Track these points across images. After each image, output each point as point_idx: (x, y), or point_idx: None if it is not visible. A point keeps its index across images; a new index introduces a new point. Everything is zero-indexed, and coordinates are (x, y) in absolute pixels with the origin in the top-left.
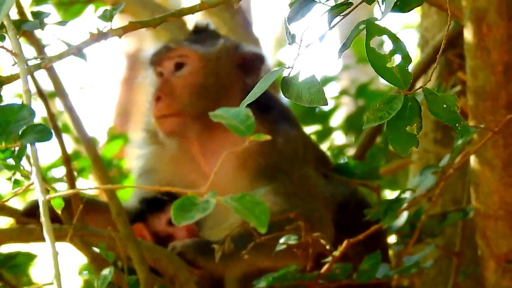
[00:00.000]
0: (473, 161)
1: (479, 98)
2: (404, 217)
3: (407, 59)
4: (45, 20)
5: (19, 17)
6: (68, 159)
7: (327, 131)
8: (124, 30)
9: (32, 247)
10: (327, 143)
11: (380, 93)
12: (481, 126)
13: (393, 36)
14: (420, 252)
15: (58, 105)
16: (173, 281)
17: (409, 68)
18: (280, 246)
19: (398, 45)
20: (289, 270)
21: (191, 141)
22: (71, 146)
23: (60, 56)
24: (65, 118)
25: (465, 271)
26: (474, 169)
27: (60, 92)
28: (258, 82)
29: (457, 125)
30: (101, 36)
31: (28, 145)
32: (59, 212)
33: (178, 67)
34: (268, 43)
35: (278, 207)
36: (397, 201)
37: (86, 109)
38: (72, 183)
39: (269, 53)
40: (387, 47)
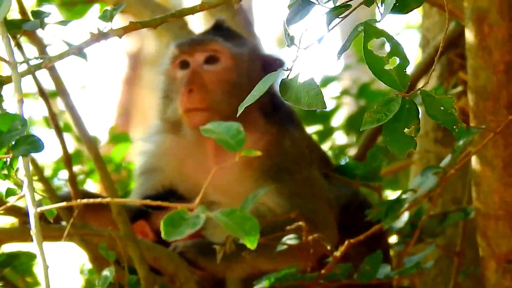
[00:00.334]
0: (474, 161)
1: (480, 98)
2: (405, 217)
3: (405, 61)
4: (46, 20)
5: (20, 17)
6: (69, 159)
7: (328, 131)
8: (124, 30)
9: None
10: (328, 143)
11: (381, 93)
12: (482, 127)
13: (391, 38)
14: (420, 252)
15: (60, 104)
16: (173, 280)
17: (407, 70)
18: (281, 247)
19: (396, 47)
20: (290, 270)
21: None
22: (72, 145)
23: (61, 56)
24: (67, 117)
25: (465, 271)
26: (475, 169)
27: (62, 92)
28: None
29: (454, 127)
30: (102, 36)
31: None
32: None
33: (210, 61)
34: (269, 43)
35: (282, 208)
36: (398, 201)
37: (88, 108)
38: (74, 182)
39: (272, 49)
40: (388, 48)
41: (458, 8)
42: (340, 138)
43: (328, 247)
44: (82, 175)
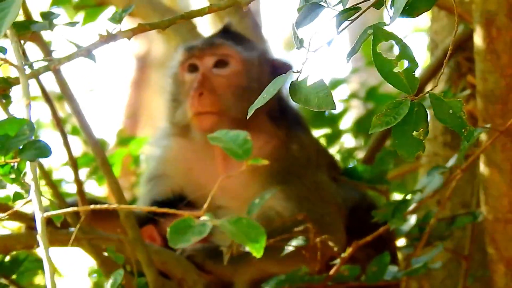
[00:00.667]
0: (482, 164)
1: (489, 101)
2: (413, 220)
3: (413, 64)
4: (55, 22)
5: (25, 19)
6: (75, 163)
7: (337, 134)
8: (133, 32)
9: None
10: (337, 146)
11: (389, 96)
12: (487, 126)
13: (400, 41)
14: (427, 254)
15: (67, 107)
16: (181, 284)
17: (416, 73)
18: (289, 249)
19: (405, 50)
20: (297, 272)
21: None
22: (80, 148)
23: (69, 58)
24: (75, 120)
25: (474, 275)
26: (483, 172)
27: (68, 96)
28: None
29: (463, 130)
30: (111, 37)
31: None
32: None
33: (219, 64)
34: (278, 46)
35: (290, 211)
36: (404, 202)
37: (96, 111)
38: (80, 187)
39: (280, 54)
40: (397, 51)
41: (466, 12)
42: (348, 141)
43: (335, 249)
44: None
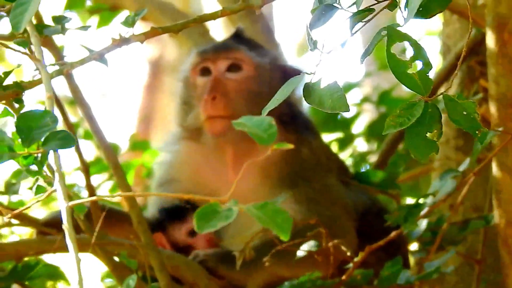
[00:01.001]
0: (495, 168)
1: (501, 105)
2: (425, 224)
3: (427, 65)
4: (67, 26)
5: (36, 22)
6: (87, 168)
7: (349, 138)
8: (145, 36)
9: (54, 258)
10: (349, 150)
11: (402, 100)
12: (500, 129)
13: (414, 42)
14: (440, 258)
15: (80, 112)
16: None
17: (430, 75)
18: (301, 253)
19: (419, 51)
20: (310, 277)
21: (228, 146)
22: (93, 153)
23: (82, 62)
24: (87, 125)
25: (486, 279)
26: (496, 176)
27: (80, 100)
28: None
29: (476, 132)
30: (123, 41)
31: (51, 151)
32: (81, 217)
33: (232, 69)
34: (291, 49)
35: (300, 215)
36: (417, 206)
37: (108, 115)
38: (92, 192)
39: (291, 59)
40: (409, 54)
41: (478, 15)
42: (360, 145)
43: (347, 253)
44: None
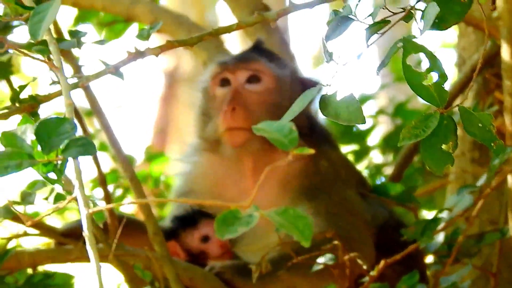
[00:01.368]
0: (510, 181)
1: None
2: (441, 237)
3: (443, 77)
4: (82, 39)
5: (55, 36)
6: (104, 179)
7: (365, 150)
8: (161, 49)
9: (71, 268)
10: (365, 162)
11: (417, 112)
12: None
13: (430, 54)
14: (457, 273)
15: (96, 123)
16: None
17: (445, 86)
18: (318, 266)
19: (435, 63)
20: None
21: (247, 157)
22: (108, 164)
23: (98, 75)
24: (103, 136)
25: None
26: (511, 189)
27: (97, 111)
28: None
29: (492, 144)
30: (139, 54)
31: (71, 159)
32: (99, 226)
33: (252, 80)
34: (306, 61)
35: (319, 227)
36: (434, 221)
37: (124, 127)
38: (109, 203)
39: (308, 71)
40: (424, 66)
41: (494, 28)
42: (376, 157)
43: (364, 267)
44: (120, 189)
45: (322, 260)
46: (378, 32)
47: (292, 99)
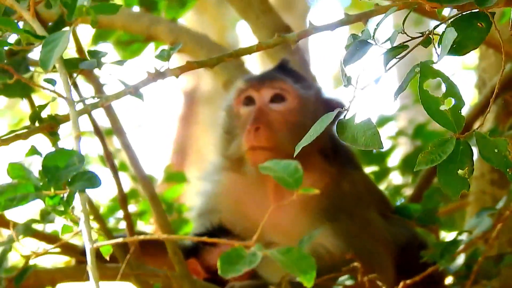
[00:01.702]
0: None
1: None
2: (461, 258)
3: (460, 102)
4: (102, 59)
5: (78, 55)
6: (124, 198)
7: (384, 172)
8: (181, 70)
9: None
10: (384, 183)
11: (437, 134)
12: None
13: (447, 79)
14: None
15: (116, 142)
16: None
17: (462, 111)
18: (337, 287)
19: (452, 88)
20: None
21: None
22: (128, 184)
23: (117, 96)
24: (123, 156)
25: None
26: None
27: (117, 130)
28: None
29: (508, 170)
30: (159, 75)
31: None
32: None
33: (277, 99)
34: (327, 82)
35: (339, 249)
36: (453, 243)
37: (144, 146)
38: (129, 222)
39: (331, 92)
40: (443, 89)
41: None
42: (396, 178)
43: None
44: (134, 216)
45: (342, 281)
46: (397, 57)
47: (316, 119)
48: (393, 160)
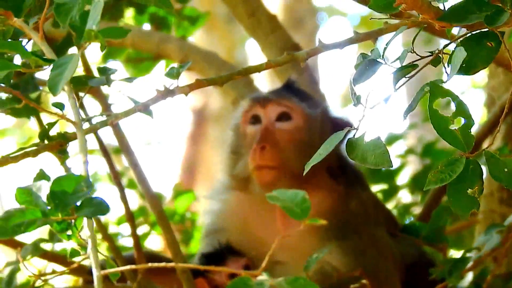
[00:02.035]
0: None
1: None
2: (469, 277)
3: (469, 121)
4: (111, 77)
5: (84, 73)
6: (132, 217)
7: (393, 190)
8: (190, 88)
9: None
10: (393, 201)
11: (446, 152)
12: None
13: (457, 99)
14: None
15: (125, 160)
16: None
17: (472, 130)
18: None
19: (461, 107)
20: None
21: None
22: (137, 202)
23: (127, 113)
24: (131, 174)
25: None
26: None
27: (125, 149)
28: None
29: None
30: (168, 93)
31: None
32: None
33: (283, 117)
34: (335, 101)
35: (347, 267)
36: (462, 260)
37: (152, 164)
38: (136, 240)
39: (338, 111)
40: (453, 108)
41: None
42: (405, 197)
43: None
44: (147, 225)
45: None
46: (406, 76)
47: (323, 138)
48: (402, 179)
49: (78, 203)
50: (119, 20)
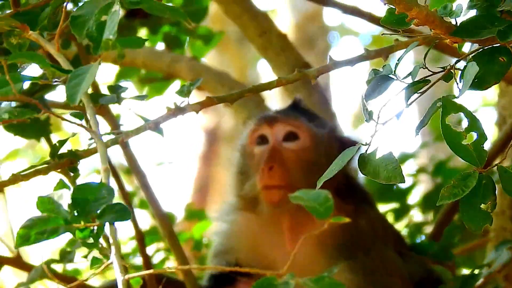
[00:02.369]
0: None
1: None
2: None
3: (482, 136)
4: (122, 95)
5: (91, 91)
6: (142, 237)
7: (405, 209)
8: (201, 106)
9: None
10: (405, 220)
11: (458, 171)
12: None
13: (469, 114)
14: None
15: (135, 180)
16: None
17: (484, 146)
18: None
19: (474, 123)
20: None
21: (285, 215)
22: (148, 222)
23: (138, 131)
24: (142, 194)
25: None
26: None
27: (135, 169)
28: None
29: None
30: (179, 111)
31: (107, 224)
32: None
33: (290, 137)
34: (346, 120)
35: (355, 285)
36: (472, 277)
37: (164, 185)
38: (147, 260)
39: (347, 130)
40: (465, 125)
41: None
42: (416, 216)
43: None
44: (163, 251)
45: None
46: (418, 92)
47: (330, 157)
48: (413, 198)
49: (99, 210)
50: None
